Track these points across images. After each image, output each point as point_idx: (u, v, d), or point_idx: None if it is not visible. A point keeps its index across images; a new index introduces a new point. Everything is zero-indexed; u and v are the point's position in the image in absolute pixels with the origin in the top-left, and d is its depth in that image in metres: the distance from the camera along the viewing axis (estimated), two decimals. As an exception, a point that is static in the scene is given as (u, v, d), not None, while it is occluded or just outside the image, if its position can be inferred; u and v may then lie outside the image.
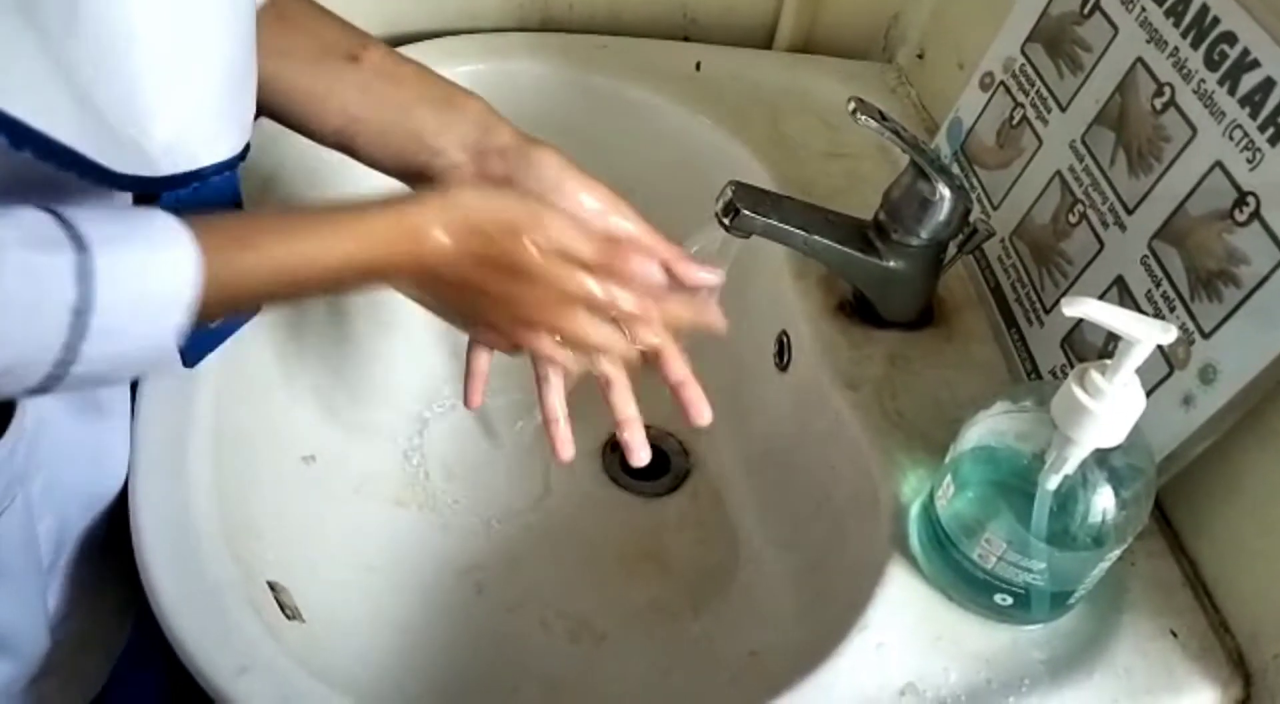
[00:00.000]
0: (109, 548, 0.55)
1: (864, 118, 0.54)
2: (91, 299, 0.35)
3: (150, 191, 0.42)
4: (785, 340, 0.68)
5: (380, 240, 0.44)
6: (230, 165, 0.45)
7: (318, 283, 0.44)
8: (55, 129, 0.35)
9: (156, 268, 0.38)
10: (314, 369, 0.69)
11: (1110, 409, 0.43)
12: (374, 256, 0.44)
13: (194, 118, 0.42)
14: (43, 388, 0.37)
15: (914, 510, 0.53)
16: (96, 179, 0.38)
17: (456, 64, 0.80)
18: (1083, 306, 0.41)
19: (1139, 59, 0.56)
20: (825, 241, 0.59)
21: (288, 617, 0.53)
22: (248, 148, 0.46)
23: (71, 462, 0.51)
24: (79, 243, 0.36)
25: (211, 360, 0.57)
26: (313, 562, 0.59)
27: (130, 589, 0.49)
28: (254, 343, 0.61)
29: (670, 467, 0.75)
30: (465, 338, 0.56)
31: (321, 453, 0.65)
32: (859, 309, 0.64)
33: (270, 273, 0.42)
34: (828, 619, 0.53)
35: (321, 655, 0.52)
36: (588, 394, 0.66)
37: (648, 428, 0.57)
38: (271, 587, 0.53)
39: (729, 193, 0.57)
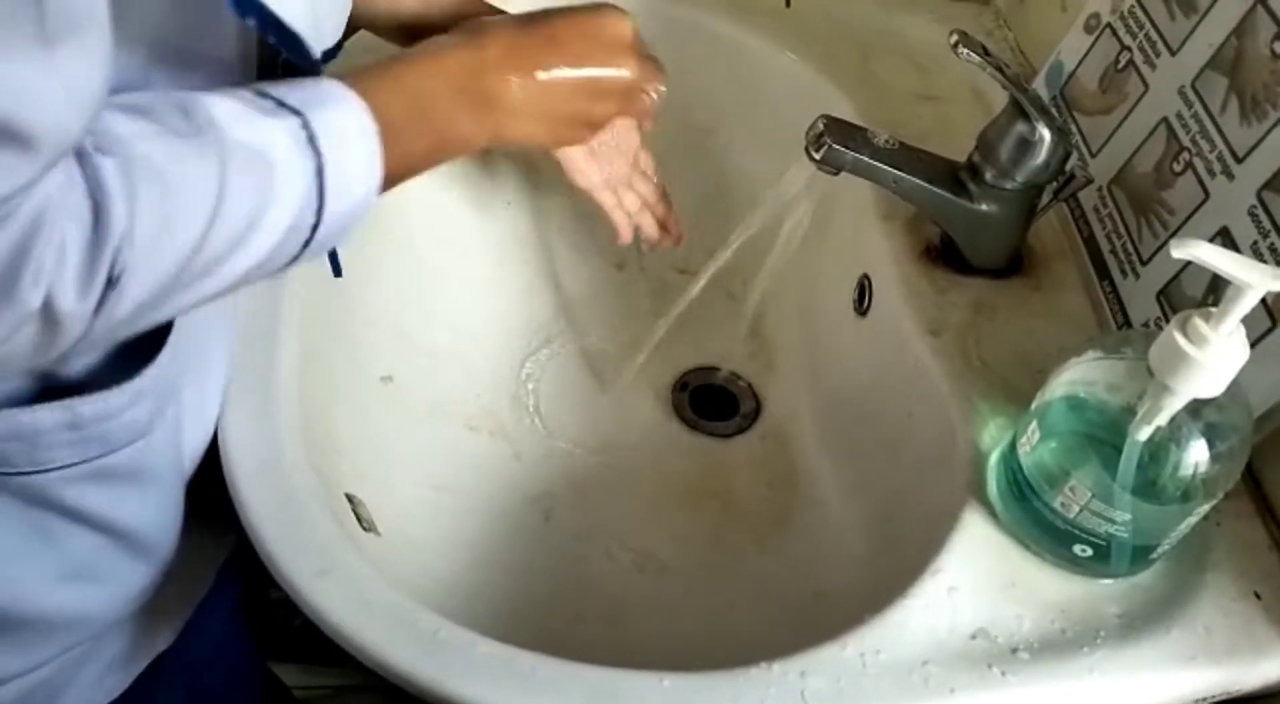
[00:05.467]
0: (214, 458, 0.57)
1: (966, 51, 0.52)
2: (321, 156, 0.39)
3: (311, 72, 0.43)
4: (866, 284, 0.67)
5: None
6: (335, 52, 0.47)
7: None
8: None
9: (355, 124, 0.41)
10: (391, 294, 0.70)
11: (1213, 358, 0.41)
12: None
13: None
14: (296, 258, 0.40)
15: (994, 458, 0.53)
16: (290, 50, 0.40)
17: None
18: (1193, 249, 0.40)
19: (1259, 0, 0.53)
20: (916, 181, 0.57)
21: (364, 529, 0.54)
22: None
23: (210, 375, 0.52)
24: (289, 108, 0.39)
25: (295, 281, 0.58)
26: (388, 479, 0.60)
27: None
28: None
29: (739, 408, 0.75)
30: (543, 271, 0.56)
31: (399, 375, 0.66)
32: (945, 254, 0.63)
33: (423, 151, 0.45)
34: (898, 563, 0.52)
35: (395, 568, 0.53)
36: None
37: (716, 370, 0.56)
38: (350, 499, 0.54)
39: (820, 126, 0.56)
